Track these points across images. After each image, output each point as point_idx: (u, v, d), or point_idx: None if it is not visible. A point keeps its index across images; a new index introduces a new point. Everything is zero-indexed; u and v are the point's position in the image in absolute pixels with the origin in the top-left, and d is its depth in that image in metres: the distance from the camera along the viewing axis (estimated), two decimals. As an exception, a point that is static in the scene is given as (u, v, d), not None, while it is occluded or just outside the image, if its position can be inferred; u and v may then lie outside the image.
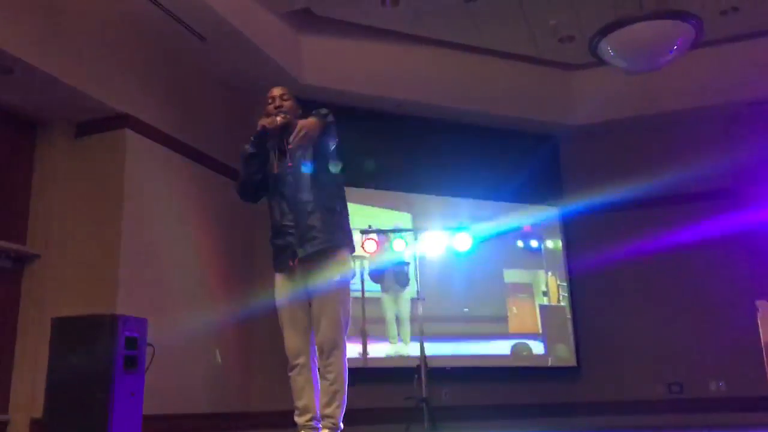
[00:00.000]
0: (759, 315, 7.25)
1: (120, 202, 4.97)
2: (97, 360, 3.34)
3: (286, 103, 3.33)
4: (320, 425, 3.04)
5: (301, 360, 3.07)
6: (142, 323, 3.59)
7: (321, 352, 3.05)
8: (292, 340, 3.09)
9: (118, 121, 5.09)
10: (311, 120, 3.09)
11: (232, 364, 6.06)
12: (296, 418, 3.08)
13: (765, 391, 6.98)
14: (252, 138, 3.27)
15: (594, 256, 7.39)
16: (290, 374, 3.09)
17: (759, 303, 7.30)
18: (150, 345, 3.62)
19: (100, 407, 3.26)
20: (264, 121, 3.21)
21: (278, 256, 3.19)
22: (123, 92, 5.13)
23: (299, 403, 3.06)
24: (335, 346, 3.01)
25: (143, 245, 5.12)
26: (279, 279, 3.18)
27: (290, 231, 3.14)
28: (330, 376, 3.00)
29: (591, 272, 7.45)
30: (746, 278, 7.14)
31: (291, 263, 3.10)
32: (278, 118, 3.21)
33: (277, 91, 3.38)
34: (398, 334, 6.89)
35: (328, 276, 3.05)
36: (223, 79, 6.32)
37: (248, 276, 6.46)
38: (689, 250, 7.12)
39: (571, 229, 7.85)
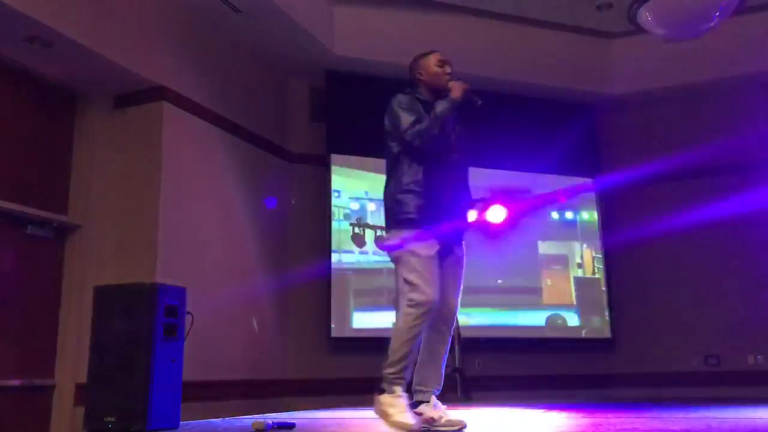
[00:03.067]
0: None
1: (158, 172, 5.06)
2: (137, 327, 3.43)
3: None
4: None
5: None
6: (181, 292, 3.67)
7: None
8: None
9: (156, 93, 5.17)
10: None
11: (268, 333, 6.17)
12: (404, 372, 3.03)
13: (803, 364, 6.89)
14: (450, 103, 3.15)
15: (630, 228, 7.30)
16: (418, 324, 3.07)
17: (800, 276, 7.15)
18: (189, 313, 3.70)
19: (142, 373, 3.35)
20: (465, 85, 3.17)
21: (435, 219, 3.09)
22: (160, 65, 5.19)
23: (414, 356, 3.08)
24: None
25: (181, 215, 5.22)
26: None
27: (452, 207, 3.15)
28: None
29: (627, 244, 7.36)
30: (786, 251, 7.00)
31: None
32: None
33: (447, 59, 3.32)
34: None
35: None
36: (257, 50, 6.34)
37: (284, 245, 6.55)
38: (728, 222, 6.98)
39: (606, 200, 7.75)
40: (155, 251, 4.90)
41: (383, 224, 3.30)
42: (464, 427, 2.98)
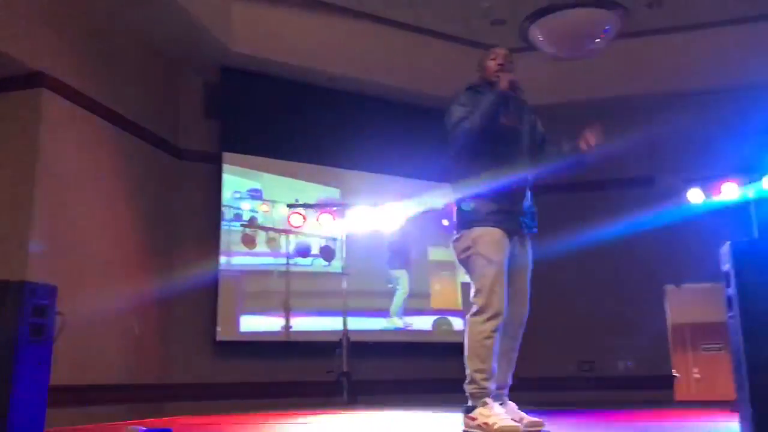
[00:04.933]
0: (666, 299, 7.61)
1: (33, 164, 4.75)
2: (1, 328, 3.20)
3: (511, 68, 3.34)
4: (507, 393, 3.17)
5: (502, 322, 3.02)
6: (51, 290, 3.44)
7: (519, 323, 3.15)
8: (504, 301, 2.98)
9: (34, 79, 4.85)
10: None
11: (151, 335, 5.94)
12: (485, 383, 2.99)
13: (668, 370, 7.38)
14: (496, 95, 3.18)
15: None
16: (493, 335, 2.99)
17: (667, 287, 7.65)
18: (60, 313, 3.49)
19: (3, 376, 3.13)
20: (511, 77, 3.19)
21: (508, 220, 3.05)
22: (39, 49, 4.88)
23: (489, 366, 3.00)
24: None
25: (57, 210, 4.93)
26: (500, 236, 3.01)
27: (524, 199, 3.14)
28: (518, 345, 3.20)
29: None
30: (656, 263, 7.45)
31: (522, 234, 3.10)
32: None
33: (504, 52, 3.40)
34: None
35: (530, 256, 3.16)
36: (149, 41, 6.11)
37: (168, 245, 6.33)
38: (604, 235, 7.34)
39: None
40: (26, 248, 4.60)
41: (277, 226, 3.26)
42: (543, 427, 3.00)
